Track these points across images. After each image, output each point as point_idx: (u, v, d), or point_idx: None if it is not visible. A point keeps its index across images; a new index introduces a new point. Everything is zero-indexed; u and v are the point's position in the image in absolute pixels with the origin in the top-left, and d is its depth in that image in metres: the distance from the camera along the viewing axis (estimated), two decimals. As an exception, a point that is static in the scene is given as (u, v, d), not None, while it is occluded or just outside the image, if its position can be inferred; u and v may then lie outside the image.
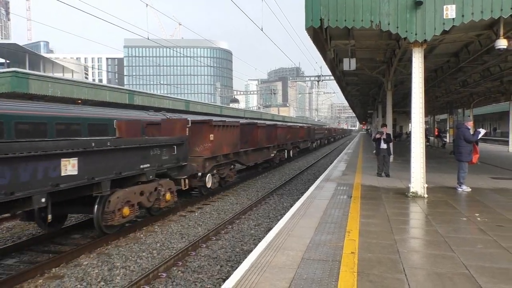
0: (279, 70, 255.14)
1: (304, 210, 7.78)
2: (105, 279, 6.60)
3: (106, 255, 7.84)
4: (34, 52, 74.98)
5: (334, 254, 4.95)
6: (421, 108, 9.01)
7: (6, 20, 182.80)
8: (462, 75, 20.03)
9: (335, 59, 15.12)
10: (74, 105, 19.38)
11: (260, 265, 4.61)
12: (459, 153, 10.10)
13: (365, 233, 5.99)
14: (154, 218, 10.64)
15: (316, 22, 8.88)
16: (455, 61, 16.27)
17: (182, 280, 6.66)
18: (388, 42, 13.15)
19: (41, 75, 19.99)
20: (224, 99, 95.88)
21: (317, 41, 11.47)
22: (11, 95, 17.42)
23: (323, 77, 51.96)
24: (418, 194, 9.09)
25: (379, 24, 8.67)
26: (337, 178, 12.76)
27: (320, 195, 9.66)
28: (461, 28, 10.79)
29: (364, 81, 22.89)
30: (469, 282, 4.10)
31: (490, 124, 65.72)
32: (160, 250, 8.20)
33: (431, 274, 4.37)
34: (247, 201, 13.63)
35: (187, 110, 32.74)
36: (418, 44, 8.85)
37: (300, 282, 4.06)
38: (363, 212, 7.50)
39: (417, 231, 6.49)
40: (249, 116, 47.59)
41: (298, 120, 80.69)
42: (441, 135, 31.97)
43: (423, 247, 5.47)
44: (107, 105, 23.00)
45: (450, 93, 27.06)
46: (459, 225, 6.54)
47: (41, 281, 6.51)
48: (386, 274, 4.30)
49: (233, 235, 9.47)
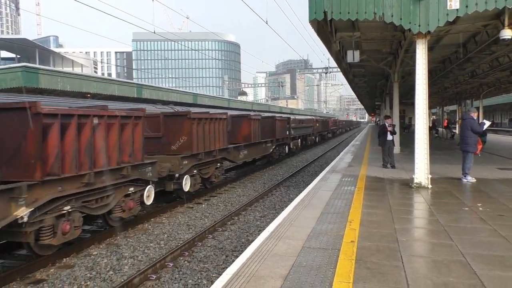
0: (288, 62, 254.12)
1: (308, 201, 7.90)
2: (113, 268, 6.81)
3: (115, 245, 8.06)
4: (44, 47, 75.75)
5: (334, 243, 5.07)
6: (425, 99, 9.04)
7: (16, 15, 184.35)
8: (470, 66, 19.87)
9: (341, 51, 15.12)
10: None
11: (261, 253, 4.75)
12: (466, 144, 10.10)
13: (366, 222, 6.10)
14: (162, 209, 10.84)
15: (319, 14, 8.92)
16: (462, 51, 16.14)
17: (188, 269, 6.84)
18: (394, 34, 13.12)
19: (51, 70, 20.28)
20: (232, 92, 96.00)
21: (321, 34, 11.50)
22: (22, 89, 17.71)
23: (331, 69, 51.71)
24: (422, 184, 9.15)
25: (382, 16, 8.68)
26: (343, 170, 12.85)
27: (325, 186, 9.76)
28: (467, 18, 10.72)
29: (371, 72, 22.81)
30: (464, 269, 4.20)
31: (501, 114, 64.98)
32: (168, 241, 8.39)
33: (428, 261, 4.47)
34: (253, 193, 13.79)
35: (195, 103, 32.92)
36: (421, 36, 8.85)
37: (299, 269, 4.20)
38: (366, 203, 7.60)
39: (418, 220, 6.58)
40: (257, 109, 47.64)
41: (307, 112, 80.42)
42: (450, 126, 31.75)
43: (422, 236, 5.57)
44: (116, 99, 23.26)
45: (459, 84, 26.84)
46: (460, 215, 6.61)
47: (53, 270, 6.74)
48: (384, 261, 4.41)
49: (239, 226, 9.64)
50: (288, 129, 24.42)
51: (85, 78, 21.93)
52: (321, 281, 3.90)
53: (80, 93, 21.03)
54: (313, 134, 35.87)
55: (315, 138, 37.80)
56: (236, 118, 17.64)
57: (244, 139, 17.16)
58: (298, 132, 28.46)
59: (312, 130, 34.98)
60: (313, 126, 35.71)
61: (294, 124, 27.10)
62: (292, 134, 25.78)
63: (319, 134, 41.10)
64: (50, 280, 6.29)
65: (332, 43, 13.50)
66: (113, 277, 6.48)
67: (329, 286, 3.76)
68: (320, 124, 41.85)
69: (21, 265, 6.69)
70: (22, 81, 17.56)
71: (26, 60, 58.04)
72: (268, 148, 20.38)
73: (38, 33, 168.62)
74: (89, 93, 21.83)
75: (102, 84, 22.90)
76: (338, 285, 3.78)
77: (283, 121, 23.48)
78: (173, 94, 30.09)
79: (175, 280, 6.35)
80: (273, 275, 4.05)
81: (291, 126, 25.37)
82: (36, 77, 18.20)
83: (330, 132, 52.10)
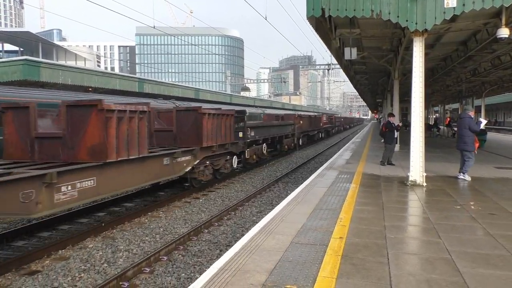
0: (291, 58, 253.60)
1: (302, 197, 7.96)
2: (108, 261, 6.91)
3: (111, 238, 8.16)
4: (47, 40, 75.87)
5: (322, 239, 5.13)
6: (421, 97, 9.06)
7: (20, 9, 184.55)
8: (472, 64, 19.81)
9: (341, 47, 15.09)
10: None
11: (250, 248, 4.82)
12: (464, 143, 10.10)
13: (357, 219, 6.16)
14: (159, 204, 10.93)
15: (317, 11, 8.94)
16: (463, 49, 16.10)
17: (182, 263, 6.93)
18: (393, 31, 13.10)
19: (52, 63, 20.35)
20: (235, 87, 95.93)
21: (320, 31, 11.51)
22: (23, 82, 17.81)
23: (333, 65, 51.57)
24: (417, 182, 9.18)
25: (380, 13, 8.69)
26: (340, 167, 12.89)
27: (320, 182, 9.82)
28: (467, 16, 10.70)
29: (373, 69, 22.77)
30: (448, 266, 4.25)
31: (504, 113, 64.67)
32: (163, 235, 8.48)
33: (413, 258, 4.53)
34: (252, 188, 13.86)
35: (196, 98, 32.95)
36: (418, 33, 8.85)
37: (285, 264, 4.27)
38: (359, 200, 7.66)
39: (409, 218, 6.63)
40: (259, 105, 47.62)
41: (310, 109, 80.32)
42: (452, 124, 31.69)
43: (411, 233, 5.62)
44: (118, 93, 23.34)
45: (461, 82, 26.75)
46: (451, 213, 6.66)
47: (48, 262, 6.84)
48: (369, 258, 4.47)
49: (235, 221, 9.72)
50: (241, 130, 16.61)
51: (87, 72, 22.00)
52: (305, 275, 3.96)
53: (81, 86, 21.12)
54: (294, 136, 26.12)
55: (297, 141, 27.68)
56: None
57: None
58: (265, 133, 19.85)
59: (293, 130, 25.82)
60: (295, 124, 26.57)
61: (253, 121, 20.92)
62: (251, 136, 17.45)
63: (305, 134, 31.83)
64: (45, 272, 6.39)
65: (332, 40, 13.50)
66: (107, 269, 6.57)
67: (313, 281, 3.83)
68: (306, 121, 32.27)
69: (17, 256, 6.79)
70: (24, 74, 17.65)
71: (30, 53, 58.17)
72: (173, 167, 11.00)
73: (41, 26, 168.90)
74: (90, 87, 21.93)
75: (104, 78, 22.96)
76: (322, 280, 3.84)
77: (224, 117, 13.81)
78: (174, 89, 30.12)
79: (168, 274, 6.44)
80: (259, 269, 4.12)
81: (248, 125, 17.29)
82: (37, 70, 18.29)
83: (322, 132, 41.83)
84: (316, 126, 37.39)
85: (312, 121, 35.35)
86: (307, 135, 32.76)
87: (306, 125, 32.23)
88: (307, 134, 33.03)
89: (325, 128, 43.63)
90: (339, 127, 60.65)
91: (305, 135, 31.93)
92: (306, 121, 32.20)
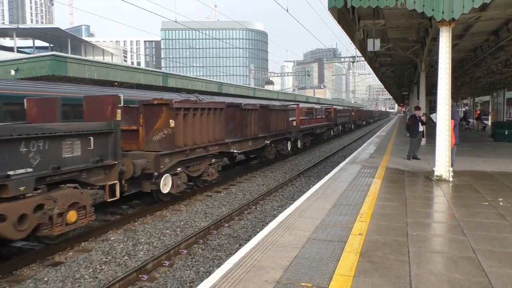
0: (316, 51, 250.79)
1: (322, 192, 7.83)
2: (129, 254, 6.99)
3: (132, 231, 8.26)
4: (75, 36, 77.40)
5: (341, 236, 5.02)
6: (448, 90, 8.74)
7: (50, 5, 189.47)
8: (503, 54, 19.04)
9: (365, 39, 14.76)
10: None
11: (266, 243, 4.76)
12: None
13: (378, 215, 6.00)
14: (180, 197, 11.00)
15: (339, 2, 8.73)
16: (494, 39, 15.48)
17: (201, 257, 6.94)
18: (420, 21, 12.70)
19: (79, 58, 20.78)
20: (258, 81, 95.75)
21: (342, 22, 11.27)
22: (51, 77, 18.26)
23: (358, 58, 50.64)
24: (443, 177, 8.90)
25: (404, 2, 8.41)
26: (363, 161, 12.65)
27: (342, 177, 9.65)
28: (497, 5, 10.27)
29: (398, 61, 22.24)
30: (473, 265, 4.07)
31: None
32: (184, 228, 8.53)
33: (436, 257, 4.36)
34: (273, 182, 13.79)
35: (220, 92, 33.06)
36: (445, 23, 8.52)
37: (301, 261, 4.18)
38: (381, 195, 7.47)
39: (433, 214, 6.41)
40: (283, 98, 47.39)
41: (334, 102, 79.37)
42: (482, 117, 30.66)
43: (434, 230, 5.43)
44: (143, 88, 23.66)
45: (492, 74, 25.79)
46: (478, 209, 6.40)
47: (71, 253, 6.98)
48: (389, 255, 4.33)
49: (256, 215, 9.68)
50: None
51: (112, 67, 22.37)
52: (321, 273, 3.87)
53: (107, 81, 21.50)
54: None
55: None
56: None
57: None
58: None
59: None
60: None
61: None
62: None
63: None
64: (68, 263, 6.52)
65: (355, 31, 13.20)
66: (127, 262, 6.65)
67: (329, 279, 3.73)
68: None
69: (42, 247, 6.96)
70: (51, 70, 18.08)
71: (59, 49, 59.65)
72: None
73: (70, 22, 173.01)
74: (116, 81, 22.29)
75: (128, 73, 23.30)
76: (338, 278, 3.74)
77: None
78: (198, 83, 30.30)
79: (188, 267, 6.46)
80: (274, 265, 4.06)
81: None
82: (64, 65, 18.71)
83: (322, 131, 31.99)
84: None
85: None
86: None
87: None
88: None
89: (328, 125, 39.98)
90: (354, 123, 50.65)
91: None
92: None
